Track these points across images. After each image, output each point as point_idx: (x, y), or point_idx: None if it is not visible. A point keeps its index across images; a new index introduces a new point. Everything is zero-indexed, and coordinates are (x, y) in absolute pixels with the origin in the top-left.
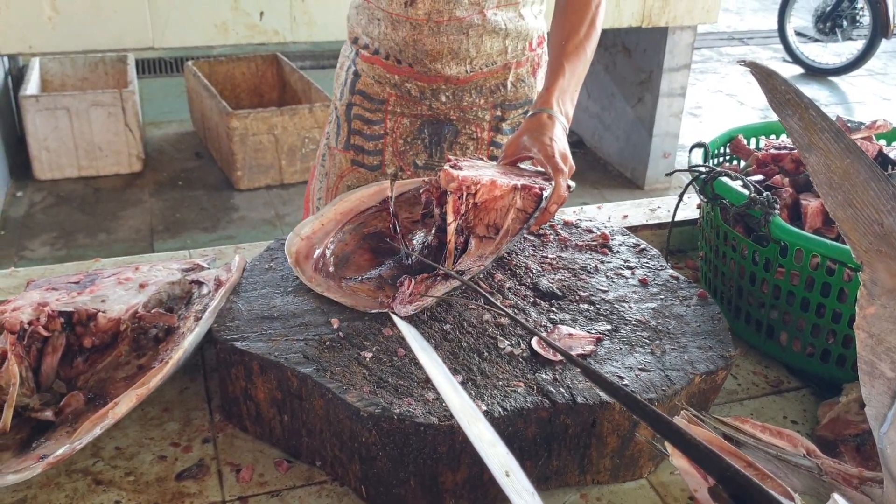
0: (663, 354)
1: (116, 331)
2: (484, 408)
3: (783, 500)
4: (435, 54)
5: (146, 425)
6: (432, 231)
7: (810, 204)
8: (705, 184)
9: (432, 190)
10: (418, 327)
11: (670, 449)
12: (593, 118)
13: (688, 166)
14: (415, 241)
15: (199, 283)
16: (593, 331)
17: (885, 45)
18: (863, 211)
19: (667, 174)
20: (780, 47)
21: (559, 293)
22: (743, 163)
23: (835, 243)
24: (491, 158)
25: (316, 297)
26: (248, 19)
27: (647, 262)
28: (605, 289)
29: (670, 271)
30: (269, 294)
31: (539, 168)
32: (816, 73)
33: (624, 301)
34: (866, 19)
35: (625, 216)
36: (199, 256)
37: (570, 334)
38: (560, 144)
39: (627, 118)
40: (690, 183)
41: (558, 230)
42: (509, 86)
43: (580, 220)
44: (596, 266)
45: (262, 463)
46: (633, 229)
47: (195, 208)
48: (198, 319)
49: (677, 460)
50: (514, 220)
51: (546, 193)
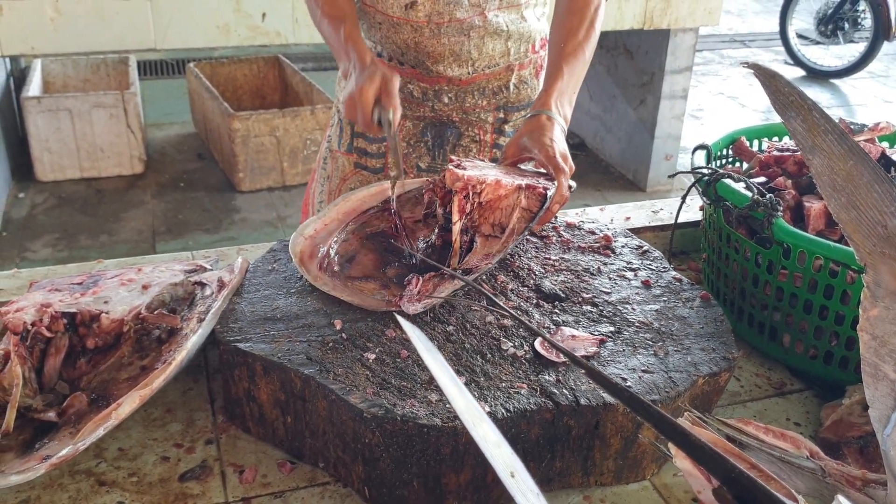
0: (666, 356)
1: (119, 332)
2: (487, 409)
3: (787, 502)
4: (436, 56)
5: (149, 426)
6: (435, 231)
7: (813, 206)
8: (708, 186)
9: (436, 190)
10: (421, 329)
11: (674, 450)
12: (595, 120)
13: (691, 168)
14: (419, 241)
15: (202, 285)
16: (596, 332)
17: (886, 47)
18: (866, 213)
19: (669, 176)
20: (782, 49)
21: (562, 295)
22: (746, 165)
23: (838, 245)
24: (493, 160)
25: (319, 299)
26: (251, 21)
27: (649, 264)
28: (608, 290)
29: (673, 273)
30: (272, 295)
31: (540, 169)
32: (818, 75)
33: (627, 303)
34: (868, 22)
35: (627, 218)
36: (202, 258)
37: (573, 336)
38: (560, 145)
39: (629, 120)
40: (693, 185)
41: (561, 232)
42: (512, 88)
43: (583, 221)
44: (599, 268)
45: (265, 464)
46: (636, 231)
47: (197, 210)
48: (201, 321)
49: (681, 462)
50: (520, 219)
51: (550, 193)
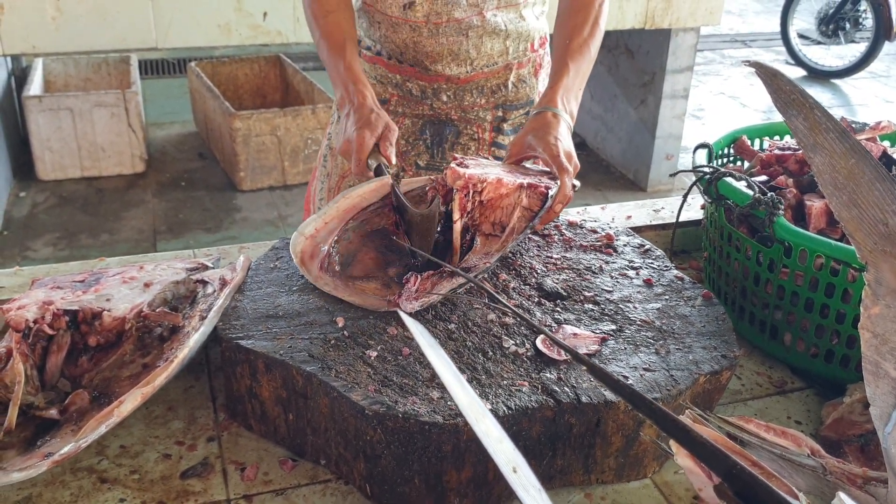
0: (668, 354)
1: (121, 329)
2: (489, 407)
3: (788, 499)
4: (435, 56)
5: (151, 424)
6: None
7: (814, 204)
8: (709, 184)
9: (438, 188)
10: (423, 326)
11: (675, 448)
12: (596, 120)
13: (692, 167)
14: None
15: (204, 283)
16: (598, 331)
17: (887, 47)
18: (868, 211)
19: (671, 174)
20: (783, 49)
21: (564, 293)
22: (747, 163)
23: (839, 244)
24: (497, 158)
25: (321, 296)
26: (252, 20)
27: (651, 263)
28: (610, 289)
29: (675, 272)
30: (274, 293)
31: (544, 167)
32: (819, 75)
33: (628, 301)
34: (869, 22)
35: (629, 217)
36: (204, 256)
37: (575, 334)
38: (565, 143)
39: (630, 120)
40: (695, 183)
41: (563, 230)
42: (510, 86)
43: (584, 220)
44: (600, 266)
45: (266, 461)
46: (638, 230)
47: (198, 209)
48: (203, 318)
49: (682, 459)
50: (520, 218)
51: (552, 192)
